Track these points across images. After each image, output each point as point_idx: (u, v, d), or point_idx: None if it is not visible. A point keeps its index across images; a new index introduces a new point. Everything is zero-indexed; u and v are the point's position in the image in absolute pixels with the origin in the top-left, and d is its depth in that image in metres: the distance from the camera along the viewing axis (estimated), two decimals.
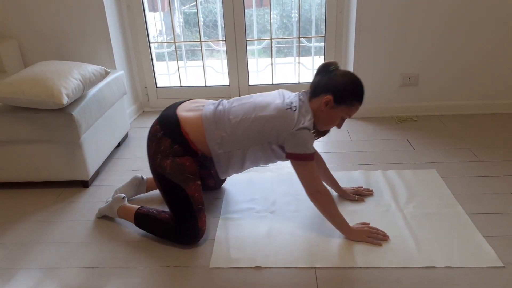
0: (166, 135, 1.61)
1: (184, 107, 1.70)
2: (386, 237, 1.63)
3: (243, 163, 1.65)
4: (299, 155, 1.56)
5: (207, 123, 1.61)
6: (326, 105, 1.57)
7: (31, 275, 1.56)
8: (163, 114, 1.69)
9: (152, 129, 1.67)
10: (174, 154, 1.59)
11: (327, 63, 1.60)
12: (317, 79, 1.62)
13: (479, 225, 1.68)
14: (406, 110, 2.90)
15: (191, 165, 1.61)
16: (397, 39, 2.70)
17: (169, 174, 1.59)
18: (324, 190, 1.61)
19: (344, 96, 1.56)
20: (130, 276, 1.53)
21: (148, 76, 3.19)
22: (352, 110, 1.59)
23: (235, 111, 1.62)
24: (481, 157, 2.24)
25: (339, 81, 1.56)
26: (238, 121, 1.59)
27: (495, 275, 1.43)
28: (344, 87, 1.55)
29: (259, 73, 3.41)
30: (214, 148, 1.61)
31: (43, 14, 2.70)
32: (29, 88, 1.90)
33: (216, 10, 3.27)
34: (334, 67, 1.59)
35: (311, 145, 1.57)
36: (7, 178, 2.15)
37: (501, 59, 2.72)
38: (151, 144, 1.65)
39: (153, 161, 1.63)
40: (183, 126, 1.61)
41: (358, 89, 1.57)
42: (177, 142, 1.60)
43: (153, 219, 1.69)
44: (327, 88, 1.57)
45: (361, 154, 2.37)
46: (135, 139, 2.75)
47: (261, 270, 1.53)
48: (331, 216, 1.65)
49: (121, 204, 1.80)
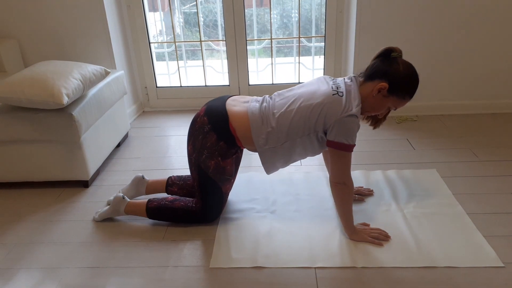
0: (213, 129, 1.61)
1: (233, 100, 1.69)
2: (388, 237, 1.63)
3: (290, 155, 1.64)
4: (340, 144, 1.53)
5: (253, 120, 1.60)
6: (379, 92, 1.53)
7: (31, 275, 1.56)
8: (211, 105, 1.67)
9: (198, 119, 1.66)
10: (219, 153, 1.62)
11: (391, 48, 1.54)
12: (376, 63, 1.56)
13: (479, 225, 1.68)
14: (406, 110, 2.89)
15: (231, 168, 1.69)
16: (397, 39, 2.69)
17: (212, 174, 1.67)
18: (350, 184, 1.60)
19: (399, 87, 1.51)
20: (130, 276, 1.53)
21: (148, 76, 3.19)
22: (402, 103, 1.56)
23: (279, 105, 1.61)
24: (481, 157, 2.24)
25: (399, 70, 1.51)
26: (283, 114, 1.58)
27: (495, 275, 1.43)
28: (402, 79, 1.51)
29: (259, 73, 3.41)
30: (260, 144, 1.60)
31: (44, 14, 2.70)
32: (29, 88, 1.90)
33: (216, 10, 3.27)
34: (397, 54, 1.54)
35: (355, 135, 1.54)
36: (7, 178, 2.15)
37: (502, 59, 2.72)
38: (198, 136, 1.64)
39: (198, 155, 1.65)
40: (231, 121, 1.61)
41: (415, 84, 1.53)
42: (223, 138, 1.60)
43: (168, 209, 1.76)
44: (385, 75, 1.52)
45: (361, 154, 2.37)
46: (135, 139, 2.75)
47: (262, 270, 1.53)
48: (344, 211, 1.64)
49: (126, 203, 1.82)
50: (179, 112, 3.19)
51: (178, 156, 2.47)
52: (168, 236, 1.74)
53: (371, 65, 1.58)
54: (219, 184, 1.69)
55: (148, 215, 1.78)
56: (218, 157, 1.63)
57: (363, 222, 1.73)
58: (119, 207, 1.81)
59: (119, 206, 1.81)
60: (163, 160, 2.43)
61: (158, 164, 2.38)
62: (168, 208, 1.75)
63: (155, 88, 3.23)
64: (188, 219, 1.77)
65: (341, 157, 1.56)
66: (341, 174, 1.59)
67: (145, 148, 2.60)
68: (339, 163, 1.58)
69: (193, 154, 1.67)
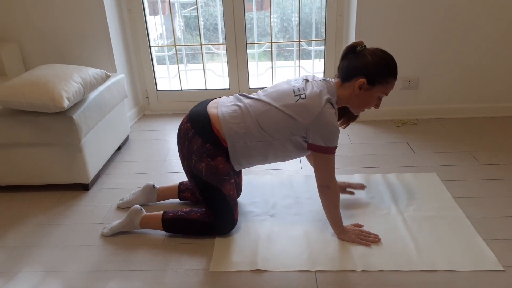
0: (197, 133, 1.60)
1: (214, 103, 1.69)
2: (377, 238, 1.63)
3: (265, 156, 1.64)
4: (319, 147, 1.53)
5: (226, 115, 1.60)
6: (361, 89, 1.53)
7: (31, 278, 1.56)
8: (193, 111, 1.68)
9: (183, 127, 1.66)
10: (207, 154, 1.60)
11: (353, 44, 1.54)
12: (345, 63, 1.57)
13: (479, 229, 1.68)
14: (406, 114, 2.90)
15: (224, 167, 1.63)
16: (397, 42, 2.70)
17: (206, 177, 1.62)
18: (334, 186, 1.61)
19: (377, 76, 1.51)
20: (130, 279, 1.53)
21: (149, 80, 3.20)
22: (388, 88, 1.55)
23: (255, 104, 1.61)
24: (481, 161, 2.24)
25: (369, 61, 1.50)
26: (259, 114, 1.58)
27: (496, 279, 1.43)
28: (375, 67, 1.50)
29: (259, 76, 3.42)
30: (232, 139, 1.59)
31: (44, 18, 2.71)
32: (30, 91, 1.90)
33: (216, 14, 3.28)
34: (361, 47, 1.53)
35: (335, 133, 1.53)
36: (8, 181, 2.15)
37: (501, 62, 2.73)
38: (184, 143, 1.64)
39: (188, 162, 1.64)
40: (214, 123, 1.60)
41: (390, 65, 1.52)
42: (208, 141, 1.59)
43: (184, 221, 1.71)
44: (358, 71, 1.52)
45: (361, 157, 2.37)
46: (135, 142, 2.75)
47: (261, 273, 1.52)
48: (330, 212, 1.65)
49: (141, 215, 1.77)
50: (179, 116, 3.20)
51: (178, 159, 2.47)
52: (168, 240, 1.74)
53: (342, 67, 1.58)
54: (218, 186, 1.64)
55: (164, 227, 1.72)
56: (207, 158, 1.60)
57: (357, 223, 1.73)
58: (135, 218, 1.76)
59: (135, 217, 1.76)
60: (164, 164, 2.43)
61: (158, 168, 2.38)
62: (184, 219, 1.71)
63: (156, 92, 3.24)
64: (205, 232, 1.71)
65: (323, 160, 1.57)
66: (323, 177, 1.60)
67: (146, 152, 2.60)
68: (321, 166, 1.58)
69: (184, 161, 1.66)
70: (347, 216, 1.80)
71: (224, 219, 1.69)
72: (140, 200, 1.98)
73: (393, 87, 1.57)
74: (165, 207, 1.97)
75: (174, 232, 1.75)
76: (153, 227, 1.76)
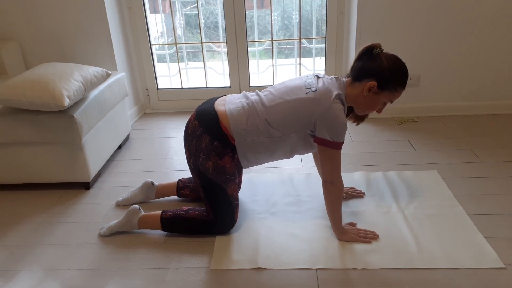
0: (205, 131, 1.60)
1: (221, 100, 1.69)
2: (375, 236, 1.64)
3: (272, 152, 1.64)
4: (326, 141, 1.53)
5: (235, 112, 1.60)
6: (369, 91, 1.54)
7: (32, 277, 1.57)
8: (201, 109, 1.67)
9: (190, 124, 1.66)
10: (215, 152, 1.60)
11: (371, 45, 1.54)
12: (359, 63, 1.56)
13: (481, 226, 1.68)
14: (407, 111, 2.89)
15: (230, 166, 1.64)
16: (398, 40, 2.70)
17: (212, 175, 1.62)
18: (338, 183, 1.60)
19: (388, 81, 1.51)
20: (131, 277, 1.54)
21: (149, 78, 3.19)
22: (395, 95, 1.55)
23: (263, 100, 1.61)
24: (482, 158, 2.23)
25: (383, 65, 1.50)
26: (267, 110, 1.58)
27: (497, 276, 1.43)
28: (389, 73, 1.50)
29: (260, 74, 3.42)
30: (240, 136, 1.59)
31: (45, 16, 2.71)
32: (30, 90, 1.90)
33: (217, 12, 3.28)
34: (378, 50, 1.54)
35: (342, 130, 1.52)
36: (9, 180, 2.15)
37: (502, 60, 2.72)
38: (192, 141, 1.64)
39: (195, 159, 1.64)
40: (222, 120, 1.60)
41: (403, 74, 1.52)
42: (216, 138, 1.59)
43: (183, 220, 1.71)
44: (371, 73, 1.52)
45: (362, 155, 2.36)
46: (136, 140, 2.76)
47: (262, 271, 1.53)
48: (332, 209, 1.65)
49: (139, 215, 1.77)
50: (180, 114, 3.20)
51: (179, 157, 2.47)
52: (169, 238, 1.74)
53: (356, 66, 1.58)
54: (223, 186, 1.64)
55: (163, 226, 1.72)
56: (215, 156, 1.61)
57: (350, 222, 1.74)
58: (133, 218, 1.75)
59: (133, 216, 1.76)
60: (165, 162, 2.43)
61: (159, 166, 2.38)
62: (183, 218, 1.70)
63: (156, 90, 3.24)
64: (204, 230, 1.71)
65: (328, 155, 1.56)
66: (329, 173, 1.59)
67: (146, 150, 2.60)
68: (327, 161, 1.58)
69: (191, 159, 1.66)
70: (349, 215, 1.80)
71: (225, 219, 1.69)
72: (138, 197, 1.98)
73: (399, 96, 1.57)
74: (164, 204, 1.98)
75: (172, 231, 1.75)
76: (151, 226, 1.75)
